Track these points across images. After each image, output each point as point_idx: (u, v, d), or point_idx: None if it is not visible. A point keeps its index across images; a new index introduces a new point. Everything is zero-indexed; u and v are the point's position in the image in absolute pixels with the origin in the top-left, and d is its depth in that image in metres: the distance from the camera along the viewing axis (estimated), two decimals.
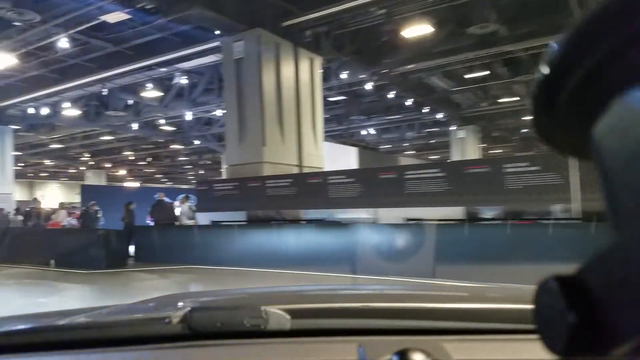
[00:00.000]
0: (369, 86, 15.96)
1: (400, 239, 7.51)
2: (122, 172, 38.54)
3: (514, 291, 1.52)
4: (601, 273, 0.27)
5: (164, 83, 17.24)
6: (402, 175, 8.21)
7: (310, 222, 9.17)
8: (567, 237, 6.21)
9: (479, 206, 7.74)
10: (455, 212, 7.75)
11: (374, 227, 8.15)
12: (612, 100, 0.27)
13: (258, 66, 10.77)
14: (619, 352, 0.25)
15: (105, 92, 16.62)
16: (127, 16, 11.26)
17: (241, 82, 11.01)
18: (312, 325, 0.88)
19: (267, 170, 10.46)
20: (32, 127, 22.48)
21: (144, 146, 27.47)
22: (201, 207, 11.03)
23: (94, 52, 14.16)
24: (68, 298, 7.21)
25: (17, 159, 28.72)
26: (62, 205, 13.24)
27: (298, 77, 11.81)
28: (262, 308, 0.85)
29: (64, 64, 15.03)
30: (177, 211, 11.48)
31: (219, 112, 19.15)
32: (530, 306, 0.31)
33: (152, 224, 12.84)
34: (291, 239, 8.64)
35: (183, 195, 11.88)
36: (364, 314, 0.95)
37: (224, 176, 14.84)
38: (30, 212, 13.52)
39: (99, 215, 12.32)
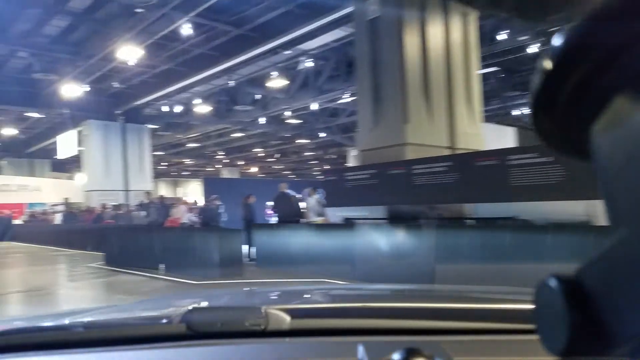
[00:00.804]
0: (532, 49, 12.76)
1: None
2: (253, 169, 39.47)
3: (514, 291, 1.51)
4: (601, 273, 0.27)
5: (289, 71, 16.10)
6: None
7: (485, 221, 6.63)
8: None
9: None
10: None
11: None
12: (610, 101, 0.27)
13: (397, 26, 8.61)
14: (619, 352, 0.26)
15: (232, 83, 15.84)
16: None
17: (376, 48, 8.93)
18: (312, 325, 0.88)
19: (410, 154, 8.24)
20: (169, 127, 23.28)
21: (272, 142, 27.15)
22: (330, 202, 9.22)
23: (217, 39, 13.38)
24: None
25: (160, 159, 30.68)
26: (181, 200, 12.10)
27: (448, 37, 9.37)
28: (262, 308, 0.88)
29: (190, 54, 14.56)
30: (303, 205, 9.80)
31: (344, 100, 17.54)
32: (530, 306, 0.31)
33: (271, 219, 11.56)
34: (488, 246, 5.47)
35: (310, 187, 10.15)
36: (364, 313, 0.97)
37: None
38: (151, 205, 12.73)
39: (221, 210, 11.14)
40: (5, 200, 21.96)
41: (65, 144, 16.10)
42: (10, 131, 22.55)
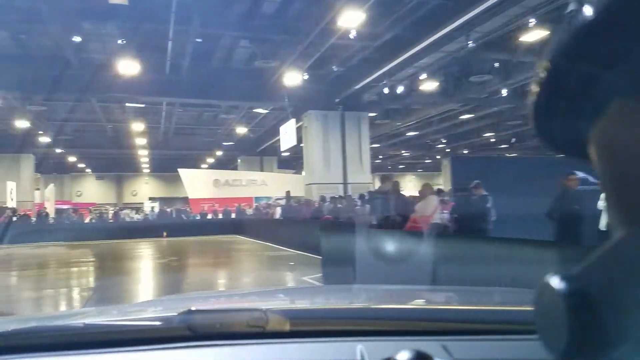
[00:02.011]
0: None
1: None
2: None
3: (514, 292, 1.59)
4: (602, 273, 0.27)
5: (547, 21, 11.72)
6: None
7: None
8: None
9: None
10: None
11: None
12: (610, 102, 0.27)
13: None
14: (620, 354, 0.26)
15: (470, 44, 12.28)
16: None
17: None
18: (312, 326, 0.89)
19: None
20: (387, 114, 21.05)
21: (508, 123, 22.35)
22: None
23: None
24: None
25: (375, 152, 29.04)
26: (430, 188, 8.22)
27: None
28: (263, 309, 0.89)
29: (418, 12, 11.67)
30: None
31: None
32: (530, 307, 0.32)
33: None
34: None
35: None
36: (365, 315, 1.00)
37: None
38: (380, 196, 9.18)
39: (488, 204, 7.03)
40: (237, 194, 23.34)
41: (287, 136, 15.27)
42: (241, 129, 23.62)
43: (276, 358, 0.81)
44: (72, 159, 32.44)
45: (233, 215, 21.51)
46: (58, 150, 26.73)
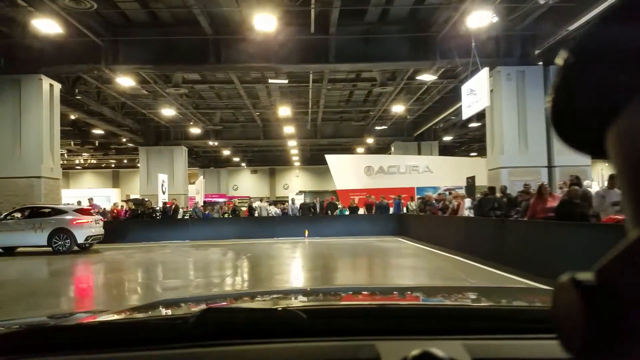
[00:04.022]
0: None
1: None
2: None
3: (532, 291, 1.57)
4: (620, 272, 0.27)
5: None
6: None
7: None
8: None
9: None
10: None
11: None
12: (629, 102, 0.27)
13: None
14: (638, 352, 0.25)
15: None
16: None
17: None
18: (328, 325, 0.87)
19: None
20: None
21: None
22: None
23: None
24: None
25: None
26: None
27: None
28: (278, 308, 0.91)
29: None
30: None
31: None
32: (548, 306, 0.32)
33: None
34: None
35: None
36: (381, 314, 0.98)
37: None
38: None
39: None
40: (393, 184, 19.31)
41: (472, 98, 10.98)
42: (398, 108, 19.88)
43: (292, 357, 0.79)
44: (226, 152, 32.60)
45: (391, 211, 17.28)
46: (210, 143, 26.33)
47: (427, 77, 15.31)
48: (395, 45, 12.52)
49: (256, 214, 18.54)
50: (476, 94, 10.78)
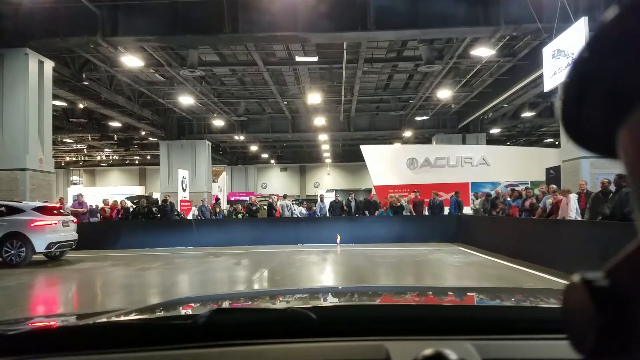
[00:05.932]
0: None
1: None
2: None
3: (542, 292, 1.52)
4: (631, 272, 0.27)
5: None
6: None
7: None
8: None
9: None
10: None
11: None
12: (638, 102, 0.27)
13: None
14: None
15: None
16: None
17: None
18: (338, 325, 0.87)
19: None
20: None
21: None
22: None
23: None
24: None
25: None
26: None
27: None
28: (288, 309, 0.92)
29: None
30: None
31: None
32: (558, 306, 0.32)
33: None
34: None
35: None
36: (391, 314, 0.98)
37: None
38: None
39: None
40: (442, 179, 16.43)
41: (560, 62, 8.45)
42: (443, 93, 17.43)
43: (302, 357, 0.80)
44: (253, 147, 30.87)
45: (447, 210, 13.86)
46: (236, 137, 24.54)
47: (484, 52, 12.89)
48: (449, 7, 10.20)
49: (286, 214, 14.85)
50: (567, 55, 8.25)
